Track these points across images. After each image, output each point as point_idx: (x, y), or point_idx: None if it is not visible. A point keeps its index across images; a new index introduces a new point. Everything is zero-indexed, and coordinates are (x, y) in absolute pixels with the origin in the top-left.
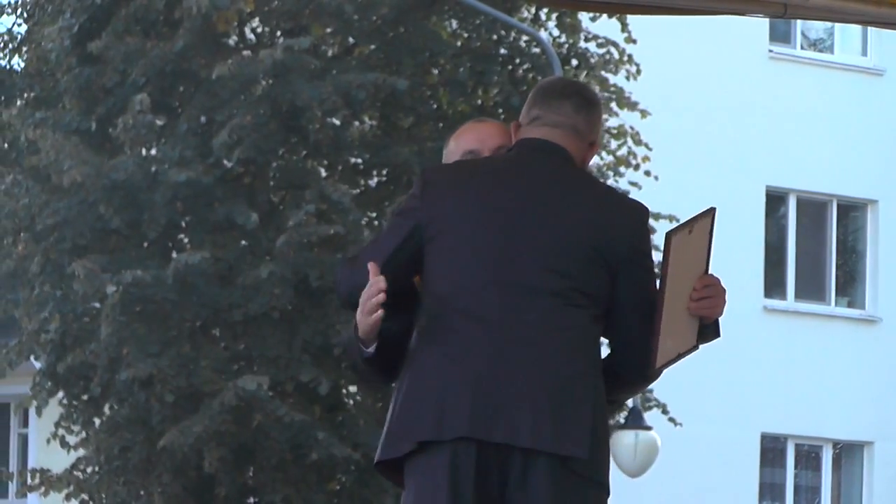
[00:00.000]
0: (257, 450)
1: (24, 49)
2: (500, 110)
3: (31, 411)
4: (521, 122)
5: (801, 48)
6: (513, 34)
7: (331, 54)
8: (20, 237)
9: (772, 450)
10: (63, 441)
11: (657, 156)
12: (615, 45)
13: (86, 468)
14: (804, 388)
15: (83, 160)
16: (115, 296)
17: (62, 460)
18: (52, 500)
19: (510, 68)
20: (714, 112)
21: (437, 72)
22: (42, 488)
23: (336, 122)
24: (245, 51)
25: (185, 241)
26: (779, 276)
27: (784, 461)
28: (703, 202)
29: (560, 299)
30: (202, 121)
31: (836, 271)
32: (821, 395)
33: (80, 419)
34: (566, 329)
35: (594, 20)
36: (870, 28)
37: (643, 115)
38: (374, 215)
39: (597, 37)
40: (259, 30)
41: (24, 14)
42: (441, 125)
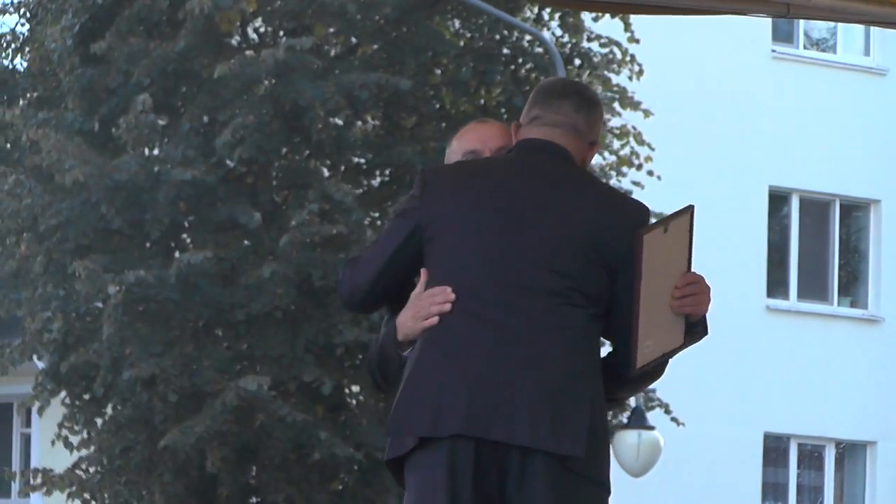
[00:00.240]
0: (260, 450)
1: (26, 49)
2: (502, 110)
3: (34, 411)
4: (521, 122)
5: (804, 48)
6: (515, 34)
7: (333, 54)
8: (23, 237)
9: (775, 449)
10: (67, 441)
11: (660, 156)
12: (618, 44)
13: (88, 468)
14: (807, 387)
15: (85, 160)
16: (117, 296)
17: (65, 460)
18: (54, 499)
19: (513, 68)
20: (717, 112)
21: (439, 72)
22: (44, 488)
23: (339, 121)
24: (248, 51)
25: (187, 241)
26: (781, 275)
27: (787, 461)
28: (706, 202)
29: (558, 299)
30: (205, 120)
31: (839, 271)
32: (823, 395)
33: (82, 419)
34: (564, 328)
35: (597, 20)
36: (873, 28)
37: (646, 114)
38: (377, 215)
39: (599, 37)
40: (262, 29)
41: (27, 14)
42: (444, 125)
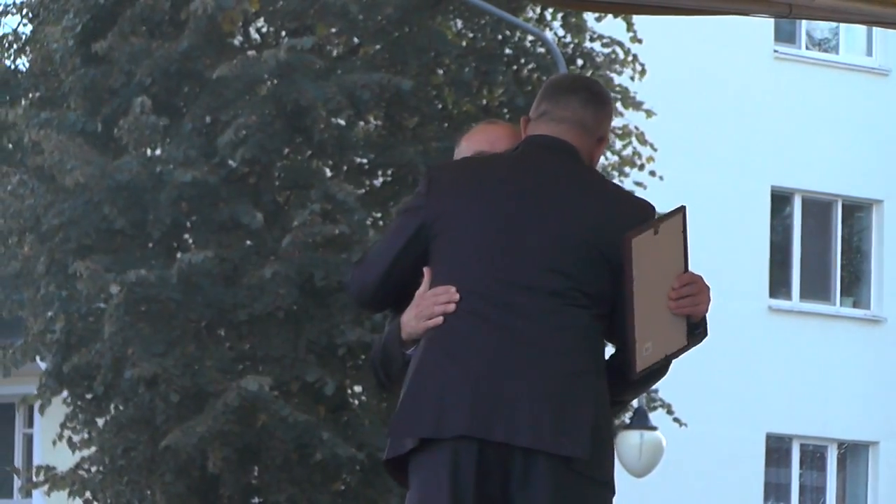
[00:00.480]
0: (262, 450)
1: (28, 49)
2: (505, 110)
3: (36, 411)
4: (530, 117)
5: (806, 48)
6: (518, 34)
7: (335, 54)
8: (25, 237)
9: (777, 450)
10: (70, 441)
11: (662, 156)
12: (620, 44)
13: (89, 468)
14: (809, 388)
15: (87, 160)
16: (119, 296)
17: (66, 460)
18: (56, 499)
19: (515, 68)
20: (719, 112)
21: (441, 72)
22: (47, 485)
23: (341, 121)
24: (250, 51)
25: (189, 241)
26: (784, 276)
27: (789, 461)
28: (708, 202)
29: (561, 299)
30: (207, 121)
31: (841, 271)
32: (826, 395)
33: (83, 419)
34: (567, 329)
35: (599, 20)
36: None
37: (648, 114)
38: (379, 215)
39: (602, 37)
40: (264, 30)
41: (29, 14)
42: (446, 125)
